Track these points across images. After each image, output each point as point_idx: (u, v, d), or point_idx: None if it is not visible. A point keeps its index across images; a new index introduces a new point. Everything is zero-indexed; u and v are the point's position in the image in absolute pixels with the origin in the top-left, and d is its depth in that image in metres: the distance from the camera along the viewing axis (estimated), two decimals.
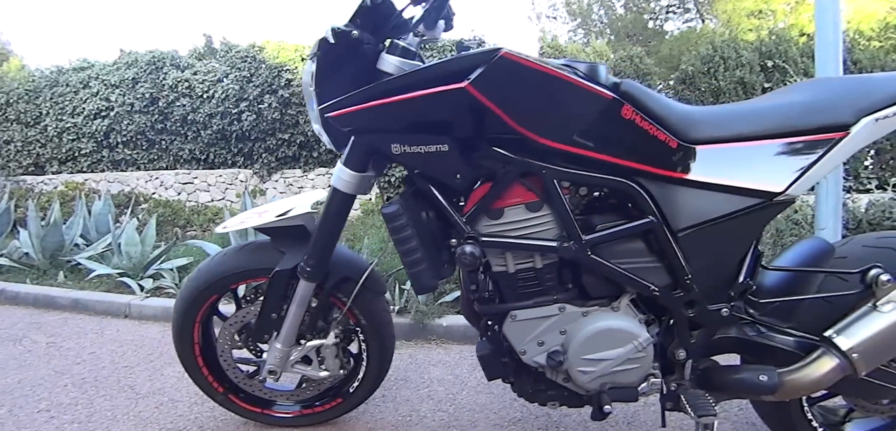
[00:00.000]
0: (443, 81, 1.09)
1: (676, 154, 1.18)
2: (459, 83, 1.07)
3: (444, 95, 1.08)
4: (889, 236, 1.36)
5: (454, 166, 1.16)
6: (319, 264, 1.44)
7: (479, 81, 1.07)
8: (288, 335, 1.54)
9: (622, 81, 1.17)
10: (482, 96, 1.07)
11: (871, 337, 1.14)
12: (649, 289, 1.20)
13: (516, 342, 1.29)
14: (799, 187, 1.15)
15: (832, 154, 1.13)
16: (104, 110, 7.40)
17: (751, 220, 1.18)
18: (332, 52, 1.23)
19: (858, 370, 1.14)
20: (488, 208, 1.20)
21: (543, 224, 1.20)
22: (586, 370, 1.25)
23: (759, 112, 1.19)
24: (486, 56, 1.08)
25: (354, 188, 1.33)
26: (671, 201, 1.19)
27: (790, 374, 1.19)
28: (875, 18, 7.26)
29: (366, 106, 1.15)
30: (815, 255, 1.34)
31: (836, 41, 3.11)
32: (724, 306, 1.21)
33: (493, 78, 1.07)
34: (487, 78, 1.07)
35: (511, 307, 1.28)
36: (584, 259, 1.19)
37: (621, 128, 1.14)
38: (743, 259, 1.22)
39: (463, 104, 1.09)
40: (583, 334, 1.24)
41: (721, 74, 6.40)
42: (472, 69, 1.07)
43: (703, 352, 1.30)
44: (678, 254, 1.18)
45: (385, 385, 2.21)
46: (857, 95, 1.15)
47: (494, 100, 1.08)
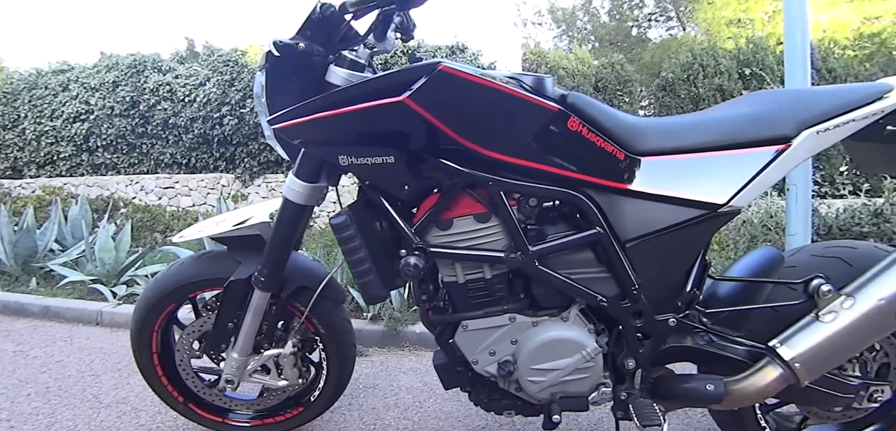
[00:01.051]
0: (382, 94, 1.10)
1: (623, 166, 1.19)
2: (398, 97, 1.08)
3: (383, 108, 1.09)
4: (837, 245, 1.38)
5: (401, 177, 1.16)
6: (274, 274, 1.43)
7: (418, 95, 1.07)
8: (244, 345, 1.53)
9: (569, 93, 1.18)
10: (421, 109, 1.08)
11: (813, 347, 1.15)
12: (597, 299, 1.20)
13: (468, 352, 1.30)
14: (742, 198, 1.16)
15: (774, 166, 1.15)
16: (84, 114, 7.32)
17: (696, 231, 1.19)
18: (280, 63, 1.24)
19: (801, 380, 1.16)
20: (437, 218, 1.21)
21: (492, 235, 1.21)
22: (536, 379, 1.26)
23: (703, 124, 1.20)
24: (425, 70, 1.09)
25: (306, 199, 1.33)
26: (618, 212, 1.20)
27: (736, 383, 1.20)
28: (849, 28, 7.39)
29: (311, 118, 1.16)
30: (766, 264, 1.35)
31: (804, 50, 3.16)
32: (671, 316, 1.22)
33: (432, 91, 1.08)
34: (426, 91, 1.08)
35: (462, 317, 1.28)
36: (531, 270, 1.19)
37: (567, 140, 1.15)
38: (690, 270, 1.23)
39: (402, 117, 1.09)
40: (532, 344, 1.24)
41: (700, 81, 6.47)
42: (411, 83, 1.08)
43: (654, 362, 1.31)
44: (625, 265, 1.19)
45: (352, 393, 2.21)
46: (799, 108, 1.17)
47: (435, 113, 1.09)
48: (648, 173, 1.19)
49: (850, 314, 1.14)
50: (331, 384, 1.71)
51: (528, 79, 1.16)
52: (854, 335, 1.14)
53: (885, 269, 1.16)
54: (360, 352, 2.73)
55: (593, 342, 1.23)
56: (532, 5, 21.92)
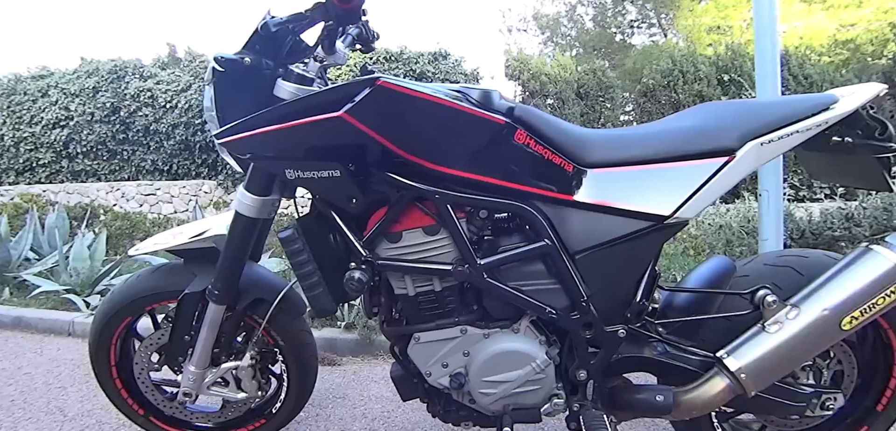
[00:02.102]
0: (321, 109, 1.10)
1: (571, 178, 1.19)
2: (336, 112, 1.08)
3: (322, 123, 1.09)
4: (789, 254, 1.39)
5: (348, 190, 1.16)
6: (227, 287, 1.42)
7: (356, 110, 1.08)
8: (201, 358, 1.52)
9: (516, 105, 1.18)
10: (360, 125, 1.08)
11: (759, 358, 1.15)
12: (546, 311, 1.21)
13: (421, 364, 1.29)
14: (688, 210, 1.17)
15: (719, 178, 1.16)
16: (63, 120, 7.25)
17: (644, 242, 1.20)
18: (228, 77, 1.23)
19: (747, 390, 1.16)
20: (386, 231, 1.20)
21: (441, 248, 1.20)
22: (487, 391, 1.26)
23: (650, 136, 1.21)
24: (363, 85, 1.09)
25: (257, 212, 1.33)
26: (566, 224, 1.20)
27: (685, 394, 1.21)
28: (825, 35, 7.51)
29: (254, 133, 1.15)
30: (718, 274, 1.36)
31: (774, 58, 3.20)
32: (621, 327, 1.23)
33: (370, 106, 1.08)
34: (365, 106, 1.08)
35: (414, 330, 1.28)
36: (479, 282, 1.19)
37: (515, 152, 1.16)
38: (639, 281, 1.24)
39: (342, 132, 1.09)
40: (483, 356, 1.24)
41: (680, 87, 6.54)
42: (350, 98, 1.08)
43: (608, 372, 1.31)
44: (574, 276, 1.20)
45: (321, 403, 2.19)
46: (744, 121, 1.18)
47: (374, 127, 1.09)
48: (596, 184, 1.19)
49: (794, 325, 1.15)
50: (292, 395, 1.69)
51: (475, 93, 1.17)
52: (799, 345, 1.15)
53: (830, 279, 1.17)
54: (333, 361, 2.72)
55: (543, 354, 1.23)
56: (517, 12, 22.02)
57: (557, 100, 7.41)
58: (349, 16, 1.19)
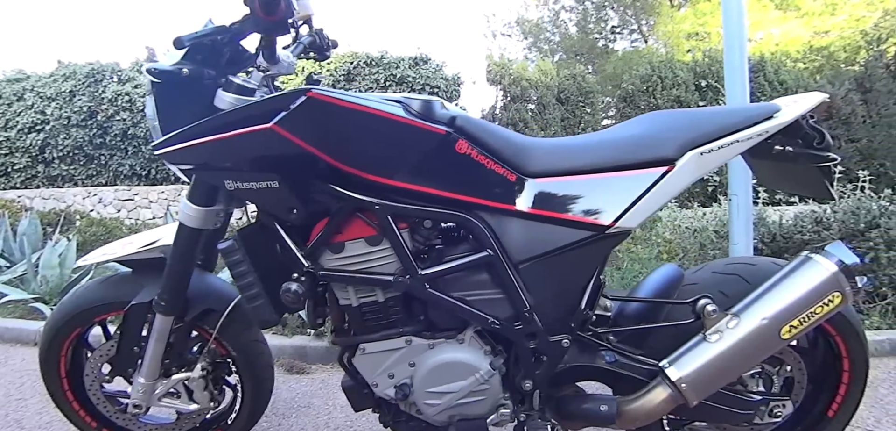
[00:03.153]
0: (251, 121, 1.09)
1: (514, 187, 1.19)
2: (266, 124, 1.07)
3: (253, 135, 1.08)
4: (737, 261, 1.40)
5: (287, 201, 1.15)
6: (174, 299, 1.40)
7: (286, 122, 1.07)
8: (150, 370, 1.50)
9: (458, 115, 1.18)
10: (292, 136, 1.07)
11: (700, 367, 1.15)
12: (489, 322, 1.20)
13: (367, 375, 1.28)
14: (629, 219, 1.17)
15: (659, 188, 1.16)
16: (39, 124, 7.15)
17: (587, 252, 1.20)
18: (167, 87, 1.22)
19: (689, 400, 1.16)
20: (329, 242, 1.19)
21: (383, 258, 1.19)
22: (432, 402, 1.25)
23: (591, 146, 1.21)
24: (294, 97, 1.08)
25: (201, 223, 1.31)
26: (509, 234, 1.20)
27: (629, 404, 1.21)
28: (800, 42, 7.63)
29: (190, 144, 1.15)
30: (668, 283, 1.37)
31: (743, 64, 3.24)
32: (565, 336, 1.22)
33: (301, 118, 1.08)
34: (296, 118, 1.07)
35: (360, 340, 1.27)
36: (420, 293, 1.18)
37: (456, 162, 1.15)
38: (583, 290, 1.23)
39: (274, 144, 1.09)
40: (428, 366, 1.23)
41: (659, 92, 6.60)
42: (281, 110, 1.07)
43: (558, 381, 1.31)
44: (517, 286, 1.19)
45: (284, 412, 2.17)
46: (684, 130, 1.18)
47: (306, 139, 1.08)
48: (539, 194, 1.19)
49: (735, 334, 1.15)
50: (246, 406, 1.67)
51: (416, 103, 1.16)
52: (739, 354, 1.15)
53: (770, 288, 1.17)
54: (303, 369, 2.69)
55: (487, 364, 1.22)
56: (502, 17, 22.09)
57: (538, 105, 7.44)
58: (276, 28, 1.18)
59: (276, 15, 1.12)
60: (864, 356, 1.38)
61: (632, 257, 3.77)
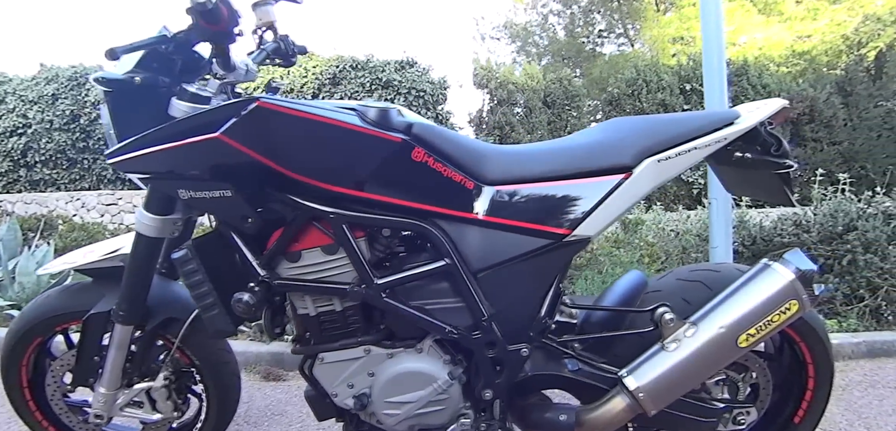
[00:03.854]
0: (200, 130, 1.08)
1: (472, 195, 1.18)
2: (213, 134, 1.06)
3: (201, 144, 1.07)
4: (702, 268, 1.39)
5: (241, 210, 1.14)
6: (132, 308, 1.38)
7: (234, 131, 1.06)
8: (111, 379, 1.47)
9: (416, 122, 1.17)
10: (241, 145, 1.06)
11: (658, 377, 1.14)
12: (446, 331, 1.19)
13: (327, 385, 1.27)
14: (586, 227, 1.16)
15: (616, 196, 1.15)
16: (21, 127, 7.06)
17: (545, 260, 1.19)
18: (121, 96, 1.21)
19: (647, 410, 1.15)
20: (286, 251, 1.18)
21: (340, 267, 1.18)
22: (391, 412, 1.24)
23: (549, 153, 1.21)
24: (241, 106, 1.07)
25: (158, 231, 1.30)
26: (467, 242, 1.19)
27: (588, 413, 1.20)
28: (783, 46, 7.71)
29: (141, 154, 1.14)
30: (632, 290, 1.36)
31: (721, 68, 3.26)
32: (524, 345, 1.21)
33: (249, 127, 1.06)
34: (244, 127, 1.06)
35: (318, 350, 1.25)
36: (377, 302, 1.17)
37: (412, 171, 1.14)
38: (542, 299, 1.22)
39: (223, 153, 1.08)
40: (386, 376, 1.22)
41: (644, 96, 6.63)
42: (228, 119, 1.06)
43: (520, 390, 1.30)
44: (475, 295, 1.18)
45: (256, 420, 2.15)
46: (642, 137, 1.18)
47: (255, 148, 1.07)
48: (497, 202, 1.18)
49: (692, 342, 1.14)
50: (212, 416, 1.65)
51: (373, 111, 1.15)
52: (697, 362, 1.14)
53: (729, 296, 1.17)
54: (279, 377, 2.67)
55: (446, 374, 1.21)
56: (491, 20, 22.12)
57: (525, 108, 7.45)
58: (220, 36, 1.17)
59: (219, 24, 1.10)
60: (828, 363, 1.38)
61: (614, 260, 3.77)
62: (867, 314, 3.05)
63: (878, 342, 2.80)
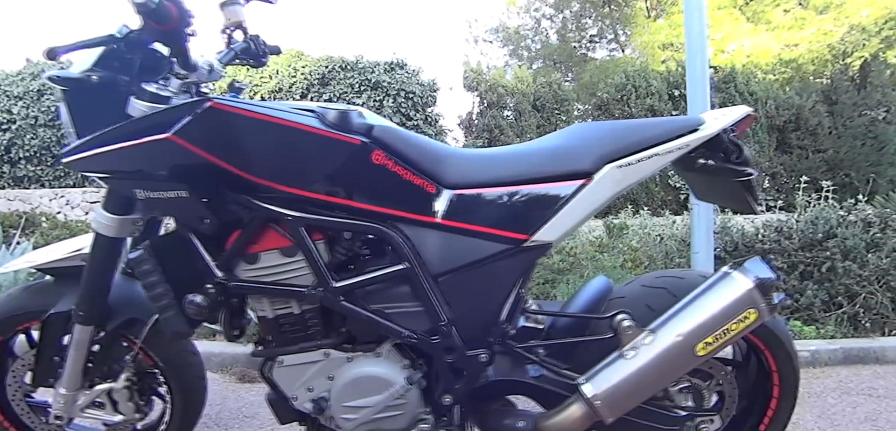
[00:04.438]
0: (152, 131, 1.07)
1: (433, 198, 1.17)
2: (164, 134, 1.05)
3: (152, 145, 1.06)
4: (667, 274, 1.39)
5: (197, 211, 1.12)
6: (92, 308, 1.36)
7: (185, 132, 1.05)
8: (70, 380, 1.45)
9: (376, 124, 1.16)
10: (192, 146, 1.05)
11: (615, 385, 1.13)
12: (405, 335, 1.18)
13: (286, 388, 1.26)
14: (546, 233, 1.15)
15: (575, 202, 1.15)
16: (5, 123, 6.98)
17: (505, 265, 1.18)
18: (79, 94, 1.19)
19: (604, 418, 1.14)
20: (244, 252, 1.17)
21: (298, 270, 1.17)
22: (349, 416, 1.22)
23: (511, 157, 1.20)
24: (193, 106, 1.06)
25: (117, 231, 1.28)
26: (428, 246, 1.18)
27: (546, 420, 1.19)
28: (770, 54, 7.77)
29: (94, 153, 1.12)
30: (596, 296, 1.35)
31: (704, 74, 3.28)
32: (483, 351, 1.20)
33: (202, 128, 1.06)
34: (195, 128, 1.05)
35: (277, 352, 1.24)
36: (334, 305, 1.16)
37: (372, 174, 1.13)
38: (502, 304, 1.21)
39: (174, 154, 1.07)
40: (344, 380, 1.21)
41: (633, 101, 6.66)
42: (180, 119, 1.05)
43: (482, 396, 1.29)
44: (435, 299, 1.17)
45: (227, 423, 2.13)
46: (602, 143, 1.17)
47: (208, 149, 1.06)
48: (457, 205, 1.17)
49: (650, 350, 1.13)
50: (177, 418, 1.63)
51: (332, 113, 1.14)
52: (654, 370, 1.13)
53: (688, 303, 1.16)
54: (254, 379, 2.65)
55: (404, 379, 1.20)
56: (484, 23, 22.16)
57: (515, 112, 7.46)
58: (170, 37, 1.15)
59: (168, 24, 1.08)
60: (793, 372, 1.38)
61: (596, 265, 3.77)
62: (845, 320, 3.07)
63: (854, 349, 2.82)
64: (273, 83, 6.88)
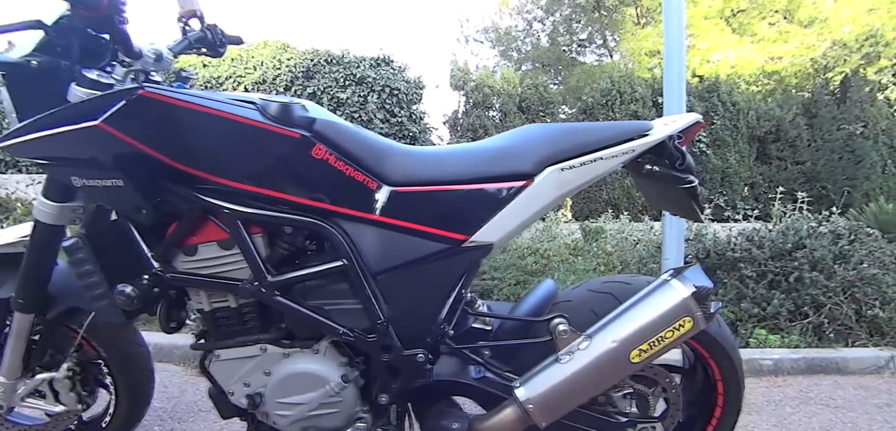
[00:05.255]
0: (81, 118, 1.05)
1: (374, 195, 1.15)
2: (93, 121, 1.03)
3: (82, 132, 1.04)
4: (614, 280, 1.39)
5: (133, 201, 1.10)
6: (31, 296, 1.34)
7: (115, 119, 1.03)
8: (9, 369, 1.43)
9: (319, 118, 1.14)
10: (121, 135, 1.03)
11: (549, 389, 1.13)
12: (340, 332, 1.17)
13: (223, 382, 1.24)
14: (484, 235, 1.14)
15: (515, 204, 1.13)
16: None
17: (444, 265, 1.17)
18: (19, 80, 1.16)
19: (537, 422, 1.13)
20: (182, 244, 1.15)
21: (236, 263, 1.15)
22: (283, 413, 1.21)
23: (454, 156, 1.19)
24: (124, 94, 1.04)
25: (56, 219, 1.26)
26: (367, 244, 1.16)
27: (481, 422, 1.18)
28: (754, 66, 7.86)
29: (28, 139, 1.10)
30: (543, 299, 1.35)
31: (681, 80, 3.30)
32: (420, 351, 1.19)
33: (130, 116, 1.03)
34: (124, 116, 1.03)
35: (215, 346, 1.22)
36: (269, 301, 1.15)
37: (312, 168, 1.11)
38: (441, 305, 1.20)
39: (104, 142, 1.04)
40: (280, 376, 1.20)
41: (617, 106, 6.68)
42: (110, 107, 1.03)
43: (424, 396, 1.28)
44: (372, 297, 1.16)
45: (181, 416, 2.11)
46: (546, 145, 1.16)
47: (139, 138, 1.04)
48: (398, 203, 1.16)
49: (585, 356, 1.12)
50: (122, 409, 1.61)
51: (274, 105, 1.12)
52: (588, 376, 1.13)
53: (626, 310, 1.16)
54: None
55: (339, 377, 1.19)
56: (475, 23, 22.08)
57: (500, 112, 7.47)
58: (101, 23, 1.13)
59: (97, 10, 1.07)
60: (738, 382, 1.38)
61: (568, 267, 3.78)
62: (810, 330, 3.10)
63: (816, 359, 2.85)
64: (257, 75, 6.83)
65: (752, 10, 9.11)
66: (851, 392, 2.59)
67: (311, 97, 6.67)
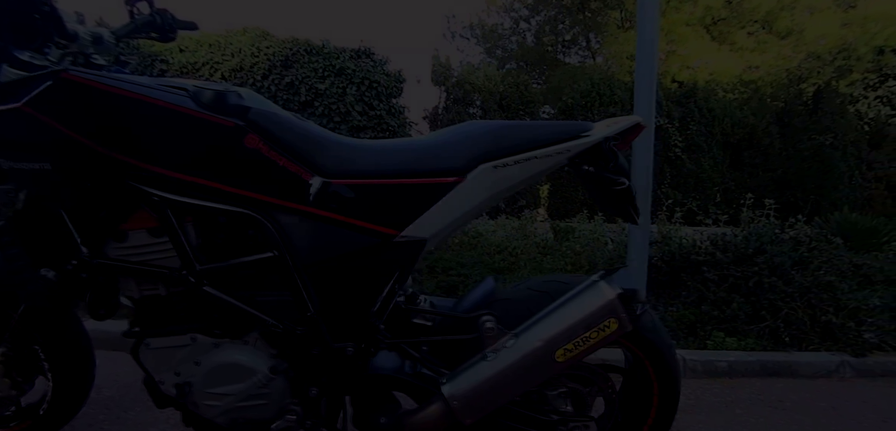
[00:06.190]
0: (4, 100, 1.04)
1: (307, 187, 1.15)
2: (16, 103, 1.02)
3: (6, 114, 1.03)
4: (555, 279, 1.39)
5: (61, 186, 1.09)
6: None
7: (37, 102, 1.02)
8: None
9: (254, 107, 1.13)
10: (46, 118, 1.02)
11: (473, 386, 1.14)
12: (268, 323, 1.16)
13: (153, 371, 1.23)
14: (415, 230, 1.14)
15: (447, 200, 1.14)
16: None
17: (376, 259, 1.17)
18: None
19: (461, 418, 1.14)
20: (112, 230, 1.14)
21: (165, 252, 1.14)
22: (211, 403, 1.20)
23: (390, 150, 1.18)
24: (47, 77, 1.03)
25: None
26: (298, 235, 1.16)
27: (408, 418, 1.19)
28: (732, 74, 7.98)
29: None
30: (482, 297, 1.35)
31: (652, 81, 3.32)
32: (349, 344, 1.19)
33: (53, 99, 1.03)
34: (49, 99, 1.02)
35: (144, 334, 1.21)
36: (197, 290, 1.14)
37: (244, 158, 1.11)
38: (373, 299, 1.20)
39: (28, 125, 1.03)
40: (209, 366, 1.19)
41: (596, 108, 6.73)
42: (33, 89, 1.02)
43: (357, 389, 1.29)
44: (301, 289, 1.16)
45: (125, 403, 2.08)
46: (480, 142, 1.16)
47: (63, 122, 1.03)
48: (331, 195, 1.15)
49: (511, 354, 1.14)
50: (60, 396, 1.58)
51: (208, 92, 1.11)
52: (513, 375, 1.14)
53: (554, 309, 1.17)
54: None
55: (266, 368, 1.18)
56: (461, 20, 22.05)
57: (481, 109, 7.48)
58: (23, 4, 1.11)
59: None
60: (673, 383, 1.39)
61: (535, 265, 3.81)
62: (766, 334, 3.16)
63: (770, 362, 2.90)
64: (234, 62, 6.75)
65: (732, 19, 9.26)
66: (803, 394, 2.64)
67: (289, 87, 6.60)
